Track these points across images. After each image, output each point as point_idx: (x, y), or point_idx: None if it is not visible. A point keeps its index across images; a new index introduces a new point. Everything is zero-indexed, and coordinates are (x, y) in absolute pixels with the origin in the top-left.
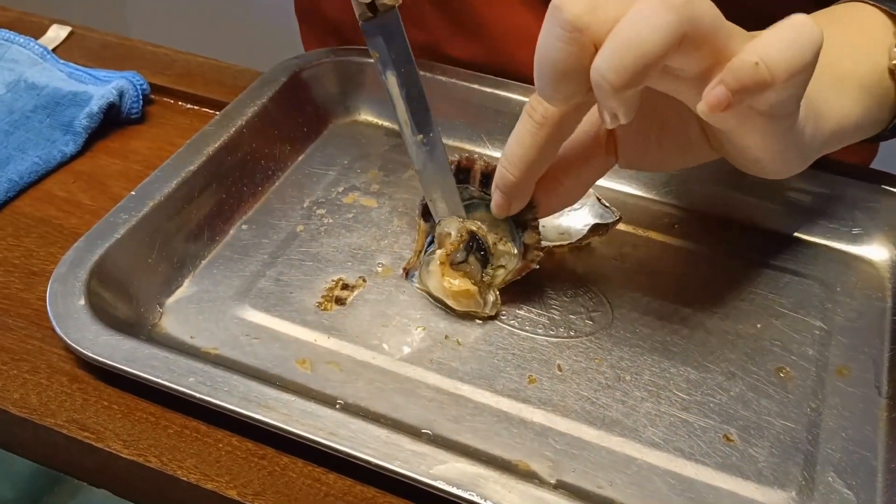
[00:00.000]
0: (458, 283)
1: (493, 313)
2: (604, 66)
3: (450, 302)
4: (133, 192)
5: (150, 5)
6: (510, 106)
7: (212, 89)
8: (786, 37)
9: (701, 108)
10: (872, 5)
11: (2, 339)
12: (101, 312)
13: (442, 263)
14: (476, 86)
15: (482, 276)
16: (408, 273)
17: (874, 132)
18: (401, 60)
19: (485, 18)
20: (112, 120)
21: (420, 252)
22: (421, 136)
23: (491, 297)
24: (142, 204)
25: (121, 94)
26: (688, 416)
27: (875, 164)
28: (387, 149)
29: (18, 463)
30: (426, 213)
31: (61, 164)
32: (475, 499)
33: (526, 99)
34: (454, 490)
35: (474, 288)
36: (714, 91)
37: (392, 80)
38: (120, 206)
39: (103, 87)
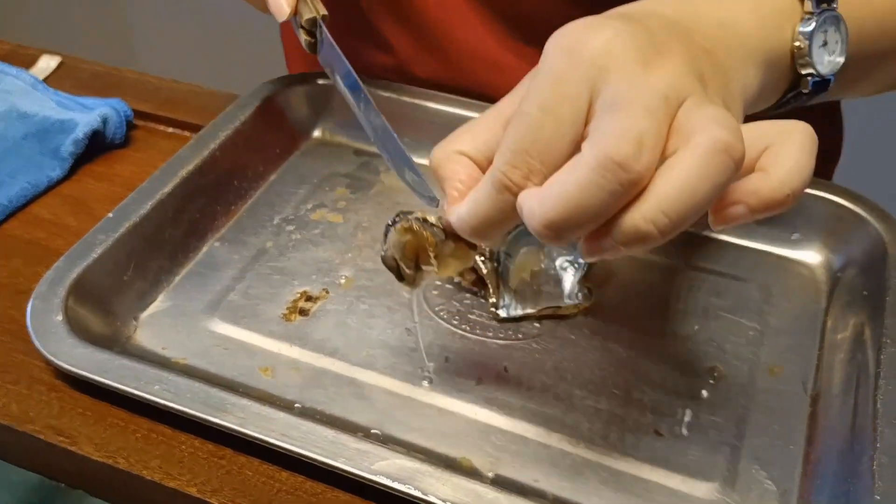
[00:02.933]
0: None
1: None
2: (660, 216)
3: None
4: (110, 215)
5: (156, 36)
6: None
7: (194, 114)
8: (802, 158)
9: (712, 220)
10: None
11: None
12: (78, 327)
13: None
14: (441, 106)
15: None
16: (497, 311)
17: (756, 110)
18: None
19: (448, 40)
20: (98, 145)
21: (498, 290)
22: (363, 104)
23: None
24: (118, 225)
25: (105, 121)
26: (622, 413)
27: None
28: (354, 167)
29: (22, 474)
30: (496, 259)
31: (49, 188)
32: (412, 491)
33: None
34: (393, 484)
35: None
36: (734, 210)
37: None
38: (98, 227)
39: (89, 114)
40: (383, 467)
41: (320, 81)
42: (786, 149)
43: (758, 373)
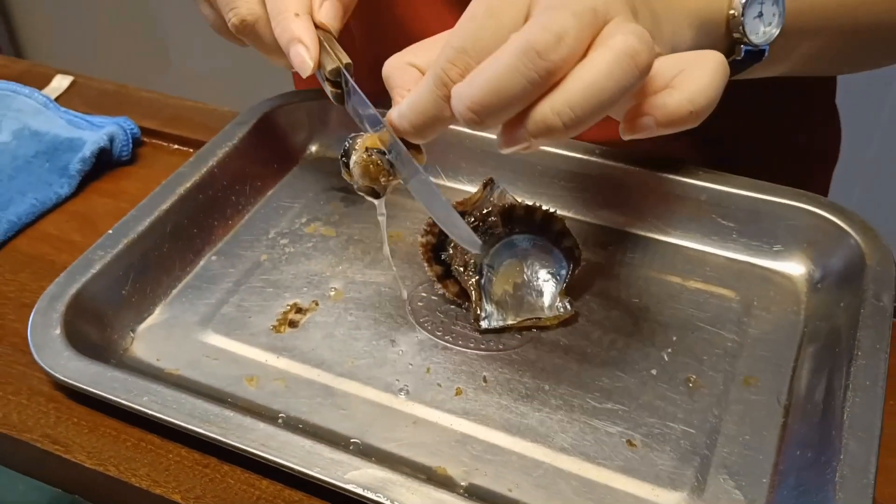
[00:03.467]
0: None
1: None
2: (566, 110)
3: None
4: (110, 231)
5: (167, 54)
6: (471, 140)
7: (198, 131)
8: (711, 82)
9: (623, 129)
10: None
11: None
12: (76, 340)
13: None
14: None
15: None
16: (479, 322)
17: None
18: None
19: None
20: (105, 162)
21: (480, 301)
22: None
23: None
24: (117, 242)
25: (111, 139)
26: (596, 423)
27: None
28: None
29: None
30: (478, 272)
31: (57, 205)
32: (383, 500)
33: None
34: (364, 493)
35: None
36: (642, 121)
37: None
38: (98, 243)
39: (97, 132)
40: (356, 477)
41: (316, 98)
42: (697, 72)
43: (733, 384)
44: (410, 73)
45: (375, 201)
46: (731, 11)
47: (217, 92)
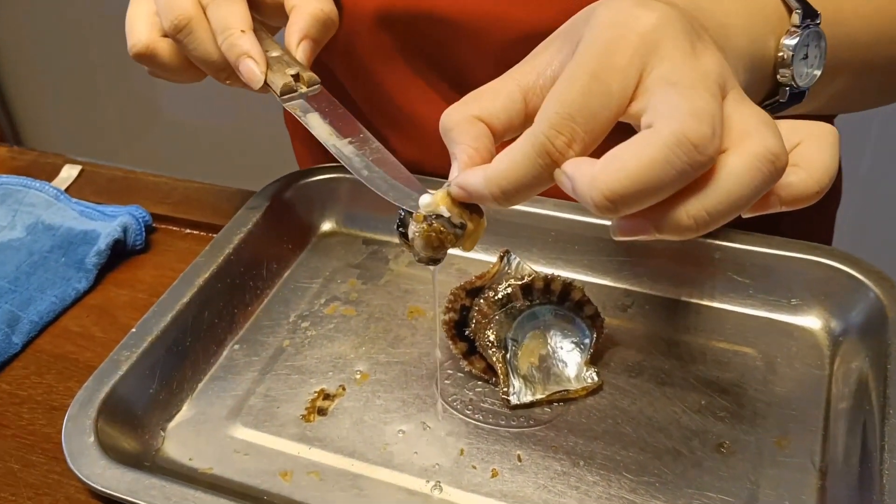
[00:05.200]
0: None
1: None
2: (703, 215)
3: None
4: (134, 329)
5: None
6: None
7: (208, 213)
8: (832, 159)
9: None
10: None
11: (27, 475)
12: (110, 445)
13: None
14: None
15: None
16: (508, 398)
17: None
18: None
19: (420, 120)
20: (119, 252)
21: (507, 377)
22: (349, 138)
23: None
24: (141, 340)
25: (125, 230)
26: (635, 498)
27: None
28: (364, 257)
29: None
30: (503, 346)
31: (75, 301)
32: None
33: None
34: None
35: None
36: (768, 201)
37: (313, 120)
38: (123, 343)
39: (110, 223)
40: None
41: (325, 175)
42: (817, 148)
43: (765, 447)
44: (476, 129)
45: (432, 268)
46: (780, 54)
47: (223, 166)
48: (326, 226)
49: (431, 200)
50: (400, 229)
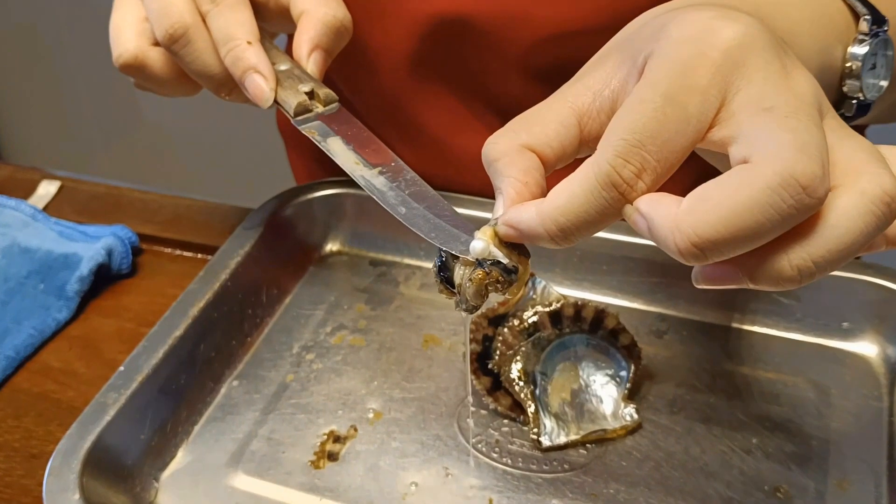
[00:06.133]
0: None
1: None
2: (808, 265)
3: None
4: (122, 368)
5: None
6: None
7: (200, 233)
8: None
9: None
10: None
11: None
12: (97, 502)
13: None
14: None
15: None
16: (539, 439)
17: None
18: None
19: (444, 143)
20: (103, 277)
21: (537, 415)
22: (378, 167)
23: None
24: (130, 380)
25: (109, 252)
26: None
27: None
28: (371, 280)
29: None
30: (531, 381)
31: (56, 332)
32: None
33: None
34: None
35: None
36: (874, 242)
37: (335, 146)
38: (109, 383)
39: (92, 245)
40: None
41: (328, 190)
42: None
43: (826, 490)
44: (526, 160)
45: (465, 315)
46: (849, 64)
47: (215, 179)
48: (330, 246)
49: (486, 246)
50: (442, 273)
